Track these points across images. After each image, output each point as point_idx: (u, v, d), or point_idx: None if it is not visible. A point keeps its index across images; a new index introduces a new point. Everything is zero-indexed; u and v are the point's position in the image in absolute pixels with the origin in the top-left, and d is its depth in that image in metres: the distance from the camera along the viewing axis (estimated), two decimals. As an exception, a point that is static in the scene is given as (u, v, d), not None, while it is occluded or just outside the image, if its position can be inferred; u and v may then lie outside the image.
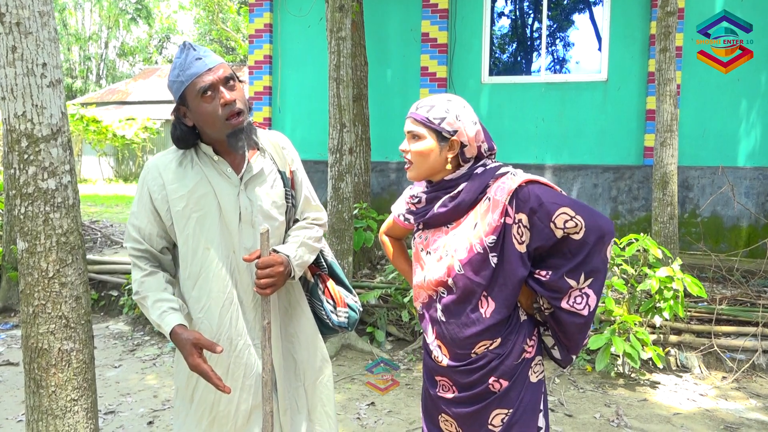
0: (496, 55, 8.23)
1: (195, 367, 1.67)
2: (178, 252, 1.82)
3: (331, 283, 2.05)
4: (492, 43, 8.06)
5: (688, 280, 4.24)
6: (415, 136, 1.69)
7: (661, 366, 4.30)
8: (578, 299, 1.62)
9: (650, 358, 4.28)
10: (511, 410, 1.70)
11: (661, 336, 4.57)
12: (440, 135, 1.67)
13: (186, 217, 1.77)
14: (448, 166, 1.70)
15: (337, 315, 2.00)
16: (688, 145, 6.99)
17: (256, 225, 1.80)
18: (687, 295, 4.61)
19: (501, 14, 8.24)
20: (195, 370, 1.68)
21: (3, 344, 5.07)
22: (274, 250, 1.79)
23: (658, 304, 4.28)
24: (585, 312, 1.62)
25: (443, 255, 1.70)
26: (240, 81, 1.78)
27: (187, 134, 1.76)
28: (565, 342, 1.72)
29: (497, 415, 1.70)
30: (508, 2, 8.18)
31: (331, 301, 2.02)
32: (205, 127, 1.73)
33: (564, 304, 1.62)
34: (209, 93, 1.68)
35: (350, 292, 2.11)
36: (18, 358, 4.64)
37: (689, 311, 4.72)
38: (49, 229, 2.11)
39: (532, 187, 1.61)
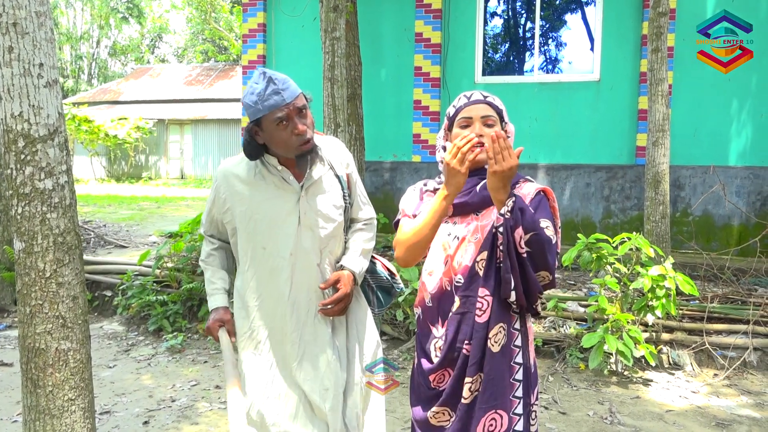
0: (489, 55, 8.25)
1: (210, 331, 2.09)
2: (239, 247, 2.04)
3: (383, 260, 2.32)
4: (485, 43, 8.08)
5: (680, 278, 4.27)
6: (488, 124, 1.82)
7: (653, 364, 4.34)
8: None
9: (643, 356, 4.31)
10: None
11: (654, 334, 4.60)
12: (502, 122, 1.86)
13: (247, 218, 1.99)
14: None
15: (396, 282, 2.30)
16: (679, 145, 7.03)
17: (314, 228, 1.99)
18: (679, 293, 4.65)
19: (494, 14, 8.27)
20: (208, 332, 2.10)
21: (-4, 345, 5.05)
22: (341, 266, 2.06)
23: (650, 303, 4.31)
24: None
25: (472, 240, 1.79)
26: (308, 101, 1.94)
27: (257, 150, 1.94)
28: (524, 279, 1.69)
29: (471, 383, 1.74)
30: (501, 2, 8.21)
31: (387, 272, 2.29)
32: (276, 148, 1.92)
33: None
34: (284, 122, 1.85)
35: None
36: (12, 359, 4.62)
37: (681, 309, 4.76)
38: (46, 229, 2.12)
39: (541, 196, 1.81)
